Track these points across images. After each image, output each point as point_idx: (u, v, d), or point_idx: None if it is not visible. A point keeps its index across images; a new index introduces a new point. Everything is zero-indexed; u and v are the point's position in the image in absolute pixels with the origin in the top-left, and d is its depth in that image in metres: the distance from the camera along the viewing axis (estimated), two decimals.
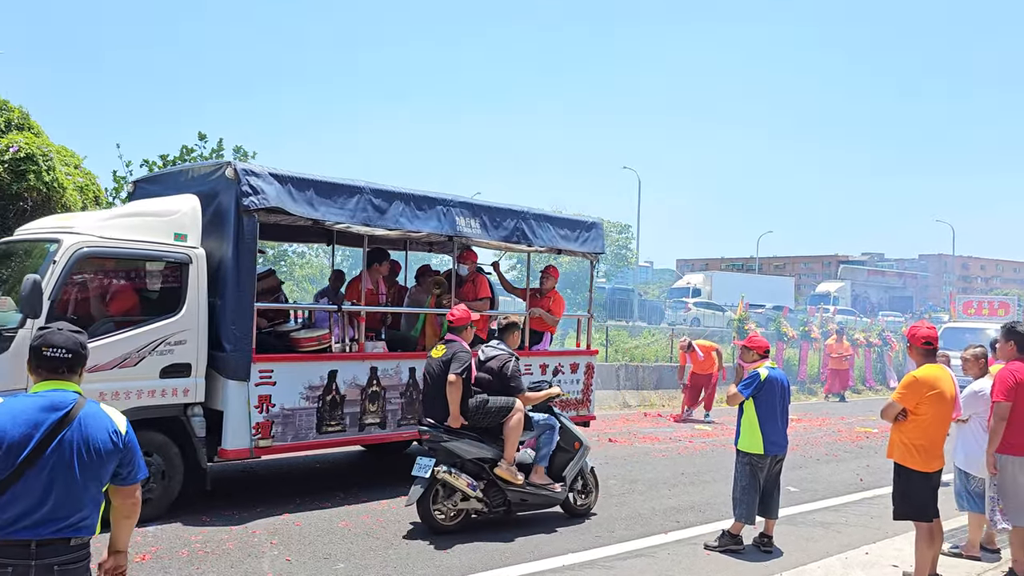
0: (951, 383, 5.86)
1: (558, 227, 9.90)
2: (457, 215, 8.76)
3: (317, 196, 7.68)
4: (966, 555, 6.76)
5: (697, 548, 6.91)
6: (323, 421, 7.76)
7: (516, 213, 9.38)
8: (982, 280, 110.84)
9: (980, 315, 23.05)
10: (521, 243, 9.44)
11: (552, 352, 10.02)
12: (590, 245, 10.39)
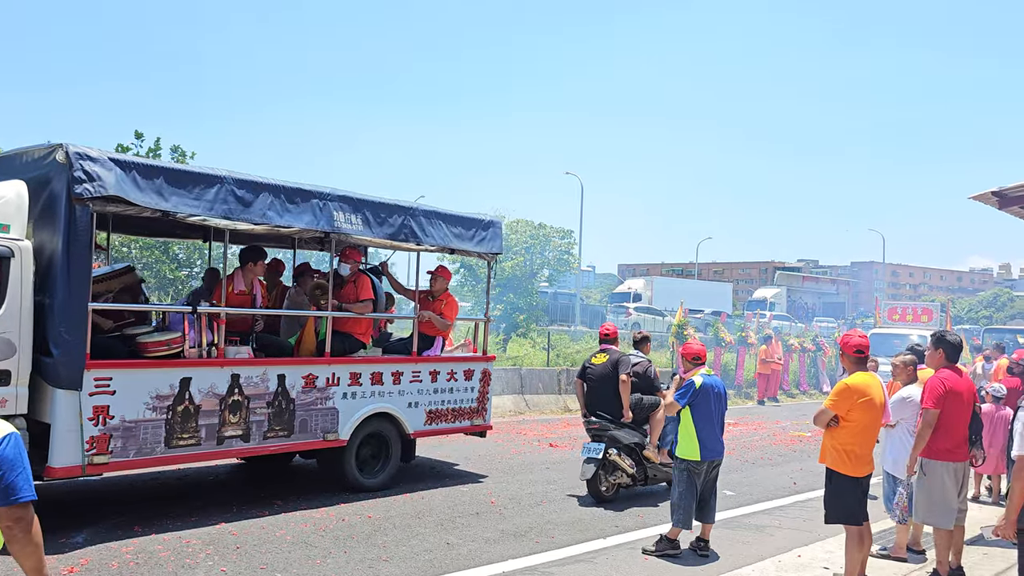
0: (880, 390, 6.04)
1: (451, 225, 9.35)
2: (335, 210, 8.14)
3: (168, 185, 6.91)
4: (893, 556, 6.97)
5: (636, 553, 6.99)
6: (173, 434, 7.03)
7: (404, 209, 8.81)
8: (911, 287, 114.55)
9: (904, 321, 23.89)
10: (409, 241, 8.88)
11: (444, 358, 9.47)
12: (487, 245, 9.84)
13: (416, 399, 9.04)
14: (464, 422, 9.58)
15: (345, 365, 8.38)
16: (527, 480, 9.71)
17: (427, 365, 9.20)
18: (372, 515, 7.69)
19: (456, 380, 9.52)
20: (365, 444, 8.67)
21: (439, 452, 11.14)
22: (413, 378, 9.02)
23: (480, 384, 9.81)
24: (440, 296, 9.71)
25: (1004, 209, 8.51)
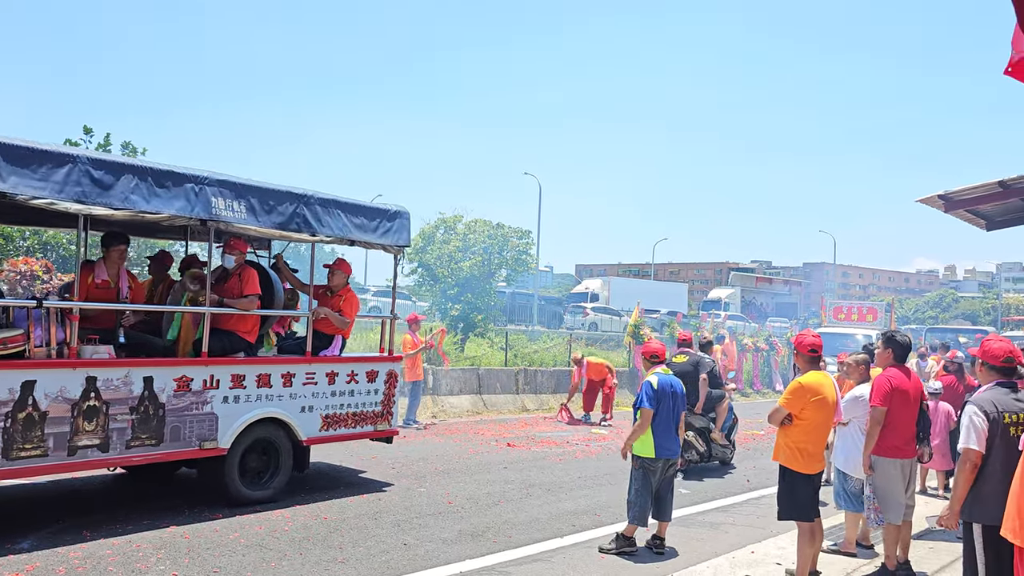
0: (833, 389, 6.17)
1: (352, 215, 8.71)
2: (214, 195, 7.43)
3: (6, 163, 6.18)
4: (844, 552, 7.11)
5: (592, 551, 7.02)
6: (13, 444, 6.26)
7: (296, 196, 8.14)
8: (860, 287, 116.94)
9: (850, 320, 24.09)
10: (303, 231, 8.21)
11: (343, 359, 8.88)
12: (392, 236, 9.17)
13: (311, 403, 8.41)
14: (367, 427, 8.99)
15: (226, 366, 7.70)
16: (485, 480, 9.71)
17: (323, 366, 8.57)
18: (328, 516, 7.62)
19: (357, 382, 8.89)
20: (252, 452, 8.01)
21: (388, 452, 11.08)
22: (307, 380, 8.39)
23: (385, 386, 9.18)
24: (339, 292, 9.05)
25: (950, 212, 8.75)
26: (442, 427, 14.36)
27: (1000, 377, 4.79)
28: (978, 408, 4.62)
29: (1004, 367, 4.78)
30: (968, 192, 8.16)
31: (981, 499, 4.52)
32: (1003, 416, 4.57)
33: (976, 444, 4.56)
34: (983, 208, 8.74)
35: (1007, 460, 4.40)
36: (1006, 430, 4.55)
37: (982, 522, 4.51)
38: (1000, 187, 7.79)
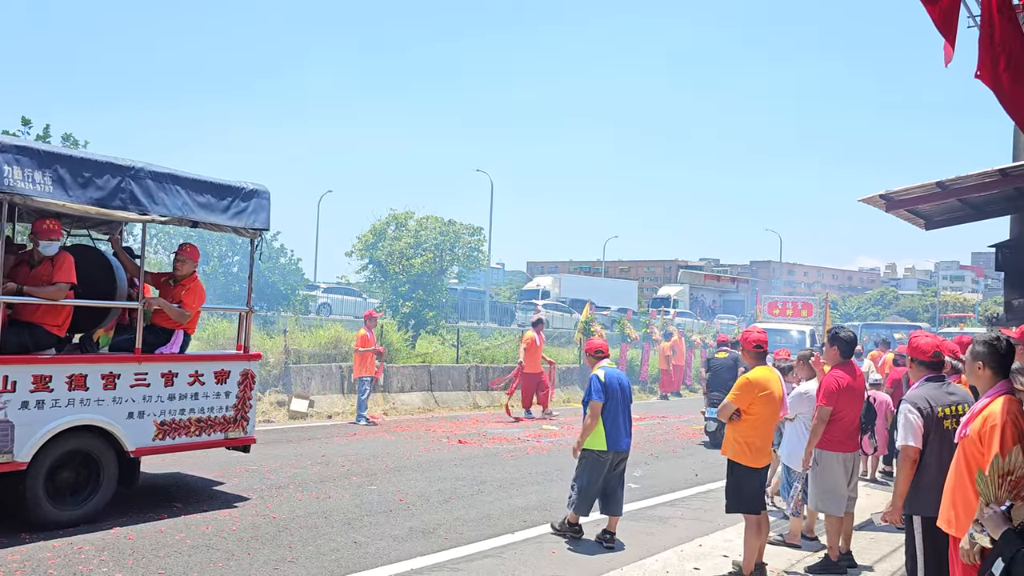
0: (779, 384, 6.30)
1: (195, 192, 7.71)
2: (6, 163, 6.32)
3: None
4: (789, 543, 7.27)
5: (544, 547, 7.06)
6: None
7: (121, 168, 7.13)
8: (805, 285, 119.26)
9: (784, 315, 23.40)
10: (129, 209, 7.19)
11: (185, 357, 7.87)
12: (247, 218, 8.17)
13: (141, 408, 7.31)
14: (216, 435, 7.94)
15: (24, 366, 6.58)
16: (436, 477, 9.68)
17: (158, 365, 7.48)
18: (277, 516, 7.53)
19: (203, 384, 7.80)
20: (65, 467, 6.92)
21: (339, 451, 11.00)
22: (136, 381, 7.28)
23: (239, 388, 8.11)
24: (184, 281, 7.98)
25: (891, 211, 8.98)
26: (393, 424, 14.28)
27: (929, 372, 4.92)
28: (912, 405, 4.74)
29: (933, 362, 4.93)
30: (908, 192, 8.40)
31: (919, 492, 4.64)
32: (936, 411, 4.71)
33: (913, 440, 4.67)
34: (922, 208, 9.00)
35: (942, 453, 4.53)
36: (940, 424, 4.68)
37: (921, 514, 4.63)
38: (938, 188, 8.03)
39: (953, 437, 4.29)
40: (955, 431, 4.33)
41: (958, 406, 4.73)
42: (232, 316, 17.64)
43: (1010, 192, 8.55)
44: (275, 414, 14.22)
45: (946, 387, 4.87)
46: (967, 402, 4.72)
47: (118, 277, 7.82)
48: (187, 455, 10.14)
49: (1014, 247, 9.73)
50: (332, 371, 16.01)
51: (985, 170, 7.70)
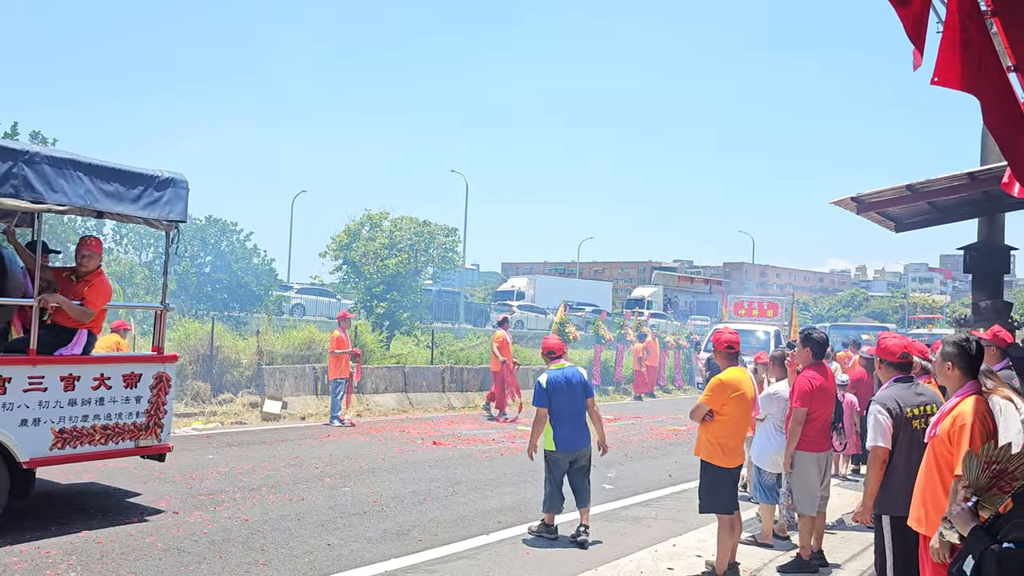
0: (751, 385, 6.35)
1: (100, 179, 7.12)
2: None
3: None
4: (761, 543, 7.32)
5: (518, 547, 7.06)
6: None
7: (13, 152, 6.58)
8: (778, 287, 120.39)
9: (751, 316, 22.66)
10: (21, 196, 6.59)
11: (89, 359, 7.30)
12: (160, 209, 7.59)
13: (37, 414, 6.70)
14: (126, 443, 7.35)
15: None
16: (410, 478, 9.65)
17: (56, 368, 6.88)
18: (249, 518, 7.46)
19: (110, 388, 7.22)
20: None
21: (312, 452, 10.93)
22: (31, 386, 6.68)
23: (152, 393, 7.52)
24: (88, 277, 7.39)
25: (862, 214, 9.09)
26: (367, 425, 14.21)
27: (898, 373, 4.97)
28: (881, 406, 4.78)
29: (901, 363, 4.98)
30: (878, 195, 8.51)
31: (889, 492, 4.69)
32: (905, 411, 4.76)
33: (883, 441, 4.71)
34: (892, 211, 9.12)
35: (911, 453, 4.58)
36: (909, 424, 4.73)
37: (890, 514, 4.68)
38: (908, 191, 8.14)
39: (922, 437, 4.36)
40: (924, 431, 4.40)
41: (927, 406, 4.78)
42: (205, 316, 17.48)
43: (978, 195, 8.69)
44: (248, 416, 14.10)
45: (915, 387, 4.92)
46: (935, 402, 4.78)
47: (11, 271, 7.25)
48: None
49: (981, 249, 9.89)
50: (306, 372, 15.91)
51: (954, 173, 7.82)
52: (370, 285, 21.76)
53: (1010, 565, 2.73)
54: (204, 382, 14.55)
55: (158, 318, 8.16)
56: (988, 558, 2.80)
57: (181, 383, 14.24)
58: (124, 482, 8.67)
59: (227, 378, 15.07)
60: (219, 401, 14.44)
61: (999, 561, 2.76)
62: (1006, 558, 2.75)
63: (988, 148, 10.25)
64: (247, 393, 14.98)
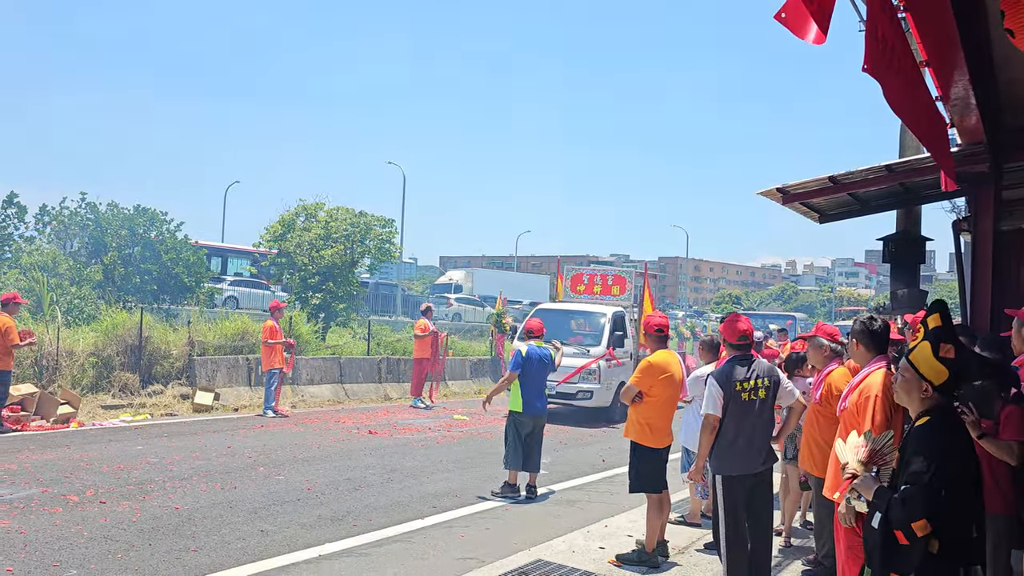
0: (680, 367, 6.53)
1: None
2: None
3: None
4: (689, 522, 7.54)
5: (453, 531, 7.13)
6: None
7: None
8: (711, 280, 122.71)
9: (591, 294, 17.26)
10: None
11: None
12: None
13: None
14: None
15: None
16: (345, 466, 9.62)
17: None
18: (180, 507, 7.36)
19: None
20: None
21: (246, 442, 10.80)
22: None
23: None
24: None
25: (787, 205, 9.36)
26: (302, 416, 14.08)
27: (735, 352, 5.40)
28: (715, 380, 5.30)
29: (739, 344, 5.38)
30: (802, 186, 8.76)
31: (719, 454, 5.26)
32: (734, 384, 5.23)
33: (713, 410, 5.24)
34: (816, 202, 9.40)
35: (740, 420, 5.21)
36: (738, 396, 5.22)
37: (721, 473, 5.27)
38: (830, 182, 8.41)
39: (750, 407, 5.18)
40: (752, 402, 5.18)
41: (758, 380, 5.26)
42: (133, 307, 17.05)
43: (896, 188, 9.03)
44: (179, 407, 13.84)
45: (748, 364, 5.32)
46: (764, 376, 5.28)
47: None
48: (83, 448, 9.84)
49: (899, 240, 10.29)
50: (239, 363, 15.67)
51: (872, 166, 8.10)
52: (305, 276, 21.48)
53: (911, 502, 2.95)
54: (132, 373, 14.20)
55: None
56: (894, 505, 3.00)
57: (108, 374, 13.89)
58: (46, 472, 8.45)
59: (157, 369, 14.73)
60: (148, 393, 14.12)
61: (902, 501, 2.98)
62: (907, 497, 2.97)
63: (905, 142, 10.67)
64: (178, 384, 14.68)
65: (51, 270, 19.35)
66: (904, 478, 3.05)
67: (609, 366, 15.37)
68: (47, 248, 21.56)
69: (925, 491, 2.94)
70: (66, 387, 12.93)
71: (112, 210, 22.14)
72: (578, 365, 14.80)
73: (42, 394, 11.98)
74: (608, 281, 17.38)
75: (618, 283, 17.33)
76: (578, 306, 16.73)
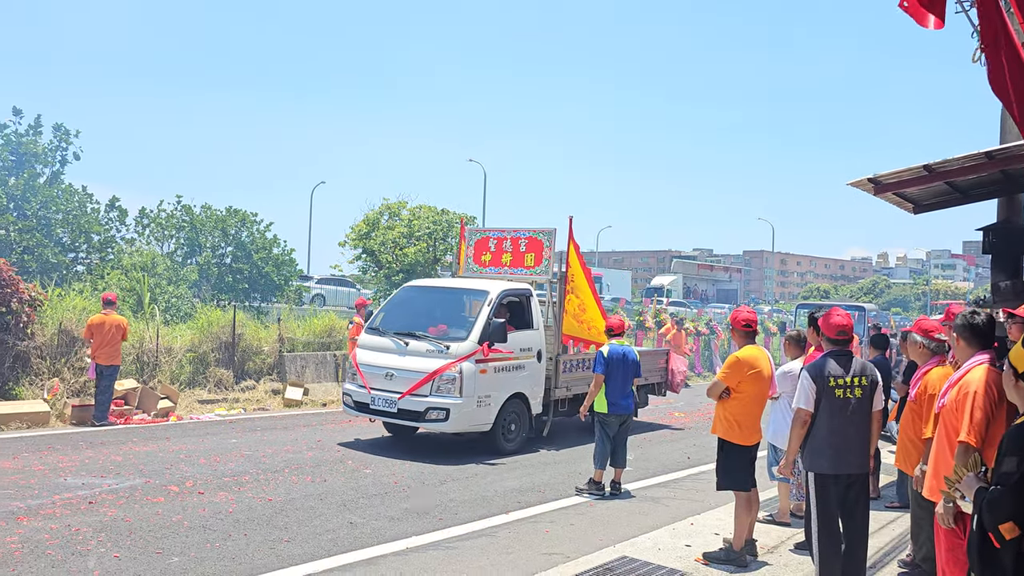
0: (768, 363, 6.38)
1: None
2: None
3: None
4: (778, 522, 7.37)
5: (538, 525, 7.16)
6: None
7: None
8: (798, 275, 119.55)
9: (498, 265, 12.43)
10: None
11: None
12: None
13: None
14: None
15: None
16: (431, 461, 9.75)
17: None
18: (273, 498, 7.60)
19: None
20: None
21: (333, 437, 11.06)
22: None
23: None
24: None
25: (879, 195, 9.05)
26: None
27: (832, 347, 5.26)
28: (808, 373, 5.20)
29: (837, 339, 5.24)
30: (896, 176, 8.45)
31: (812, 451, 5.14)
32: (828, 380, 5.10)
33: (805, 404, 5.13)
34: (910, 191, 9.06)
35: (831, 417, 5.07)
36: (832, 392, 5.09)
37: (813, 471, 5.16)
38: (925, 171, 8.09)
39: (844, 404, 5.02)
40: (847, 400, 5.03)
41: (855, 378, 5.10)
42: (226, 305, 17.68)
43: (996, 175, 8.62)
44: (270, 402, 14.28)
45: (845, 360, 5.17)
46: (862, 374, 5.12)
47: None
48: (182, 441, 10.25)
49: (1000, 230, 9.80)
50: (326, 360, 16.07)
51: (971, 153, 7.76)
52: (389, 274, 21.87)
53: (997, 503, 2.85)
54: (227, 369, 14.73)
55: None
56: (984, 507, 2.90)
57: (204, 370, 14.45)
58: (148, 464, 8.84)
59: (249, 365, 15.25)
60: (242, 388, 14.63)
61: (989, 503, 2.88)
62: (994, 498, 2.87)
63: (1006, 128, 10.17)
64: (269, 380, 15.16)
65: (150, 270, 20.22)
66: (994, 478, 2.93)
67: (481, 372, 10.06)
68: (146, 249, 22.51)
69: (1012, 492, 2.82)
70: (165, 382, 13.50)
71: (206, 212, 22.96)
72: (429, 370, 9.85)
73: (143, 389, 12.54)
74: (520, 247, 12.34)
75: (533, 248, 12.23)
76: (452, 283, 12.30)
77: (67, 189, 21.49)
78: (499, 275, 12.20)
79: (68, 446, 9.66)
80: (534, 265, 12.16)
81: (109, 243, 21.74)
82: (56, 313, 12.95)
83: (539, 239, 12.20)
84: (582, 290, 11.86)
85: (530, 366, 10.91)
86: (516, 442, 10.62)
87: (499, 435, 10.38)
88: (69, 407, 11.42)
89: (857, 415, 5.13)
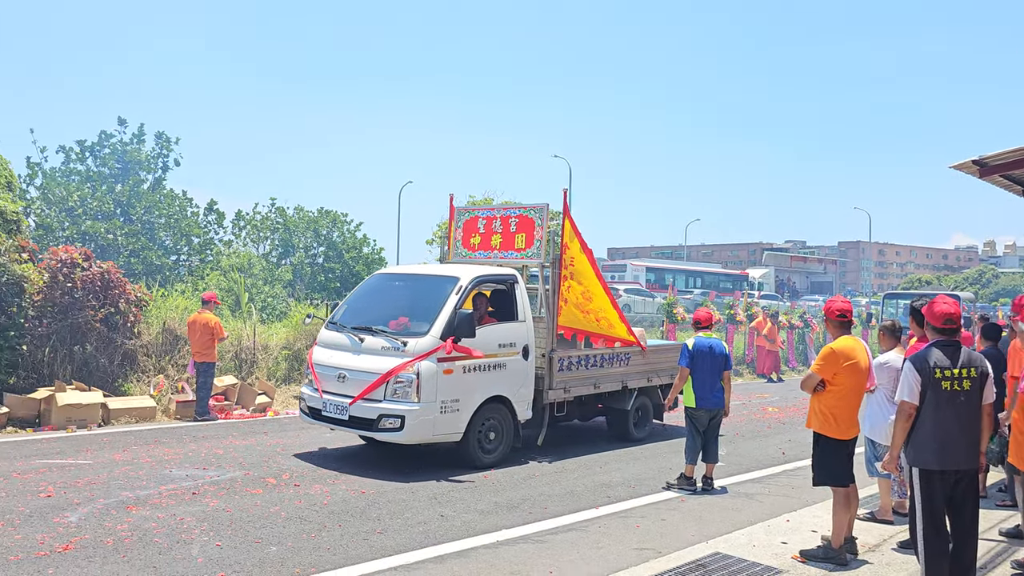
0: (865, 354, 6.12)
1: None
2: None
3: None
4: (879, 519, 7.09)
5: (628, 520, 7.08)
6: None
7: None
8: (898, 265, 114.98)
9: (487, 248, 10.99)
10: None
11: None
12: None
13: None
14: None
15: None
16: (520, 456, 9.76)
17: None
18: (366, 491, 7.75)
19: None
20: None
21: None
22: None
23: None
24: None
25: (984, 178, 8.60)
26: None
27: (939, 336, 5.02)
28: (912, 364, 4.97)
29: (944, 327, 4.99)
30: (1003, 156, 8.01)
31: (916, 446, 4.94)
32: (935, 371, 4.88)
33: (909, 396, 4.93)
34: (1018, 173, 8.58)
35: (937, 411, 4.87)
36: (938, 384, 4.87)
37: (918, 466, 4.94)
38: None
39: (950, 397, 4.81)
40: (954, 392, 4.81)
41: (963, 369, 4.87)
42: (319, 303, 18.14)
43: None
44: None
45: (952, 351, 4.93)
46: (971, 366, 4.89)
47: None
48: (279, 435, 10.57)
49: None
50: None
51: None
52: None
53: None
54: None
55: None
56: None
57: (299, 366, 14.87)
58: (247, 457, 9.14)
59: None
60: None
61: None
62: None
63: None
64: None
65: (247, 271, 20.94)
66: None
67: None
68: (243, 251, 23.32)
69: None
70: (262, 378, 13.96)
71: (298, 213, 23.63)
72: (383, 370, 8.51)
73: (242, 385, 13.00)
74: (511, 228, 10.79)
75: (524, 228, 10.65)
76: (422, 269, 11.38)
77: (169, 194, 22.48)
78: (489, 260, 10.75)
79: (173, 439, 10.09)
80: (525, 247, 10.56)
81: (208, 245, 22.66)
82: (160, 313, 13.56)
83: (530, 217, 10.59)
84: (585, 276, 10.40)
85: (513, 364, 9.28)
86: (497, 453, 9.12)
87: (474, 446, 8.92)
88: (173, 403, 11.93)
89: (965, 408, 4.88)
